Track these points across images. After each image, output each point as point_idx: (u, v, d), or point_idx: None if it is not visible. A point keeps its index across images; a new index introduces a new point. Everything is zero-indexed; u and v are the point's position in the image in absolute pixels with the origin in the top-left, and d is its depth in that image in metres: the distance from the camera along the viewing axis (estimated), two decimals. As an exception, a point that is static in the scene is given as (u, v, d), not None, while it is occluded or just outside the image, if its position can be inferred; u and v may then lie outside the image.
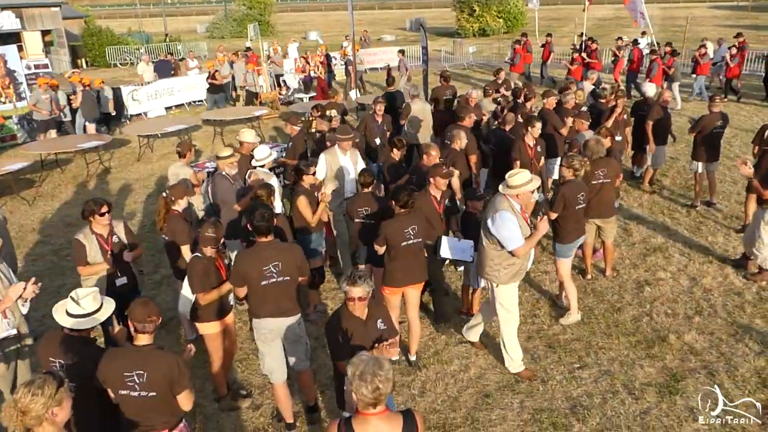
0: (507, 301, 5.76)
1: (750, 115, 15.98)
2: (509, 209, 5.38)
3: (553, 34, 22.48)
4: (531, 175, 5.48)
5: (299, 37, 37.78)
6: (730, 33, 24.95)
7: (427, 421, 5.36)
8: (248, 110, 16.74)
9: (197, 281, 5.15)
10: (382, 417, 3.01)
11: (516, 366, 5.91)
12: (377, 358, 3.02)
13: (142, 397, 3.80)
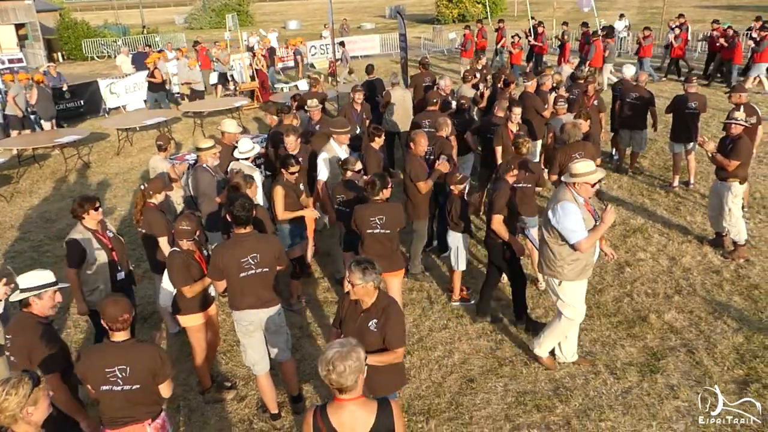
0: (571, 299, 5.40)
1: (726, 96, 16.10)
2: (572, 200, 5.06)
3: (534, 18, 22.42)
4: (595, 166, 5.14)
5: (278, 26, 37.48)
6: (707, 14, 25.15)
7: (411, 407, 5.39)
8: (229, 101, 16.61)
9: (179, 275, 5.12)
10: (357, 403, 3.03)
11: (569, 357, 5.79)
12: (350, 348, 2.97)
13: (126, 390, 3.81)
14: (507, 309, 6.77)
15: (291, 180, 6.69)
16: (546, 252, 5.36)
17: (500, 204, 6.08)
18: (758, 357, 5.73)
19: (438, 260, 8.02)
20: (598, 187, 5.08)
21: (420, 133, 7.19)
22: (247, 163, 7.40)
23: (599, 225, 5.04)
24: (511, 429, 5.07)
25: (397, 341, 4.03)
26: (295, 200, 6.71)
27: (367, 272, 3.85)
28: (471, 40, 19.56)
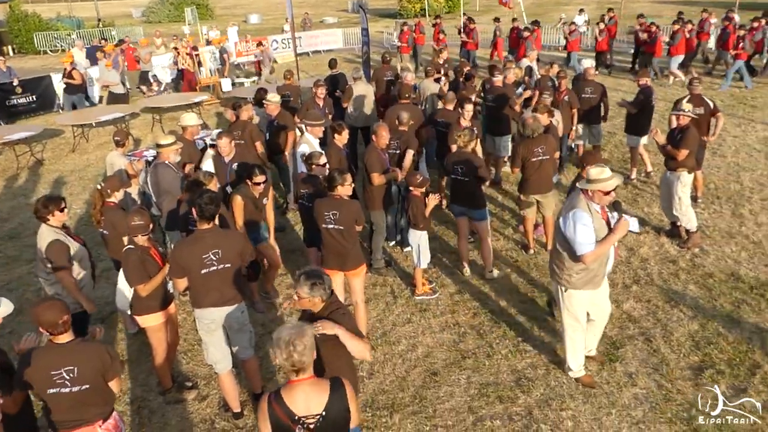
0: (575, 308, 5.19)
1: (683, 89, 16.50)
2: (585, 208, 4.82)
3: (493, 13, 22.59)
4: (612, 173, 4.90)
5: (239, 20, 36.96)
6: (666, 9, 25.67)
7: (375, 402, 5.39)
8: (189, 96, 16.31)
9: (134, 273, 5.01)
10: (310, 383, 3.11)
11: (576, 372, 5.48)
12: (300, 328, 3.07)
13: (75, 392, 3.73)
14: (468, 301, 6.82)
15: (254, 192, 6.42)
16: (556, 257, 5.17)
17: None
18: (712, 344, 5.89)
19: (401, 254, 8.03)
20: (614, 196, 4.86)
21: (382, 125, 7.18)
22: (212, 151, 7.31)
23: (608, 236, 4.81)
24: (474, 421, 5.10)
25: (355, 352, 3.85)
26: (256, 212, 6.51)
27: (315, 287, 3.73)
28: (410, 35, 19.68)
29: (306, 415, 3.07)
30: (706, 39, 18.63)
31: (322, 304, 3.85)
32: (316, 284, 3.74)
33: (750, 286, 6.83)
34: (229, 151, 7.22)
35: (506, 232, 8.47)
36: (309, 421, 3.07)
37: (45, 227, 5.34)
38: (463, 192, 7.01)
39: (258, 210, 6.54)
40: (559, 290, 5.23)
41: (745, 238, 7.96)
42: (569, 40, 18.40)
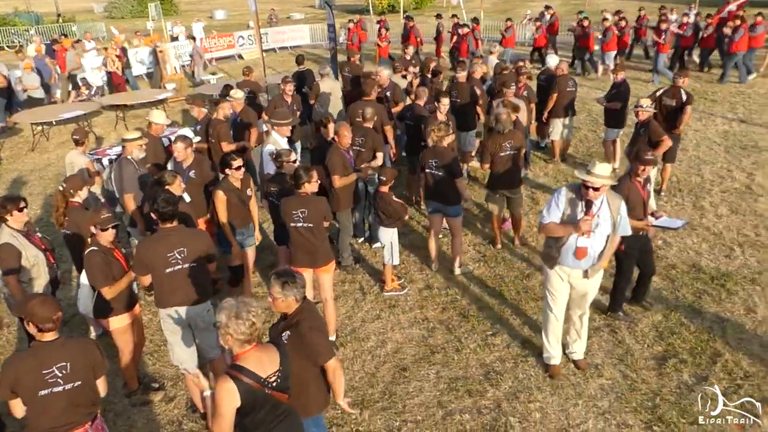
0: (547, 286, 5.41)
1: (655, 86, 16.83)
2: (570, 191, 4.98)
3: (459, 9, 22.71)
4: (611, 172, 4.89)
5: (204, 16, 36.47)
6: (630, 5, 26.08)
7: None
8: (153, 93, 16.05)
9: (99, 275, 4.90)
10: (257, 348, 3.27)
11: (548, 357, 5.59)
12: (244, 299, 3.26)
13: (68, 389, 3.67)
14: (437, 296, 6.85)
15: (235, 183, 6.30)
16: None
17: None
18: (675, 333, 6.02)
19: (370, 251, 8.02)
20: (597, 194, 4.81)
21: (344, 125, 7.09)
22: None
23: (567, 224, 4.92)
24: (443, 415, 5.13)
25: (322, 356, 3.80)
26: (241, 206, 6.34)
27: (287, 286, 3.70)
28: (356, 33, 19.71)
29: (268, 375, 3.24)
30: (644, 35, 19.03)
31: (296, 305, 3.83)
32: (288, 283, 3.72)
33: (711, 277, 6.99)
34: (184, 157, 6.85)
35: (473, 226, 8.51)
36: (272, 380, 3.25)
37: (5, 228, 5.20)
38: (439, 188, 6.98)
39: (243, 204, 6.37)
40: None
41: (706, 229, 8.14)
42: (505, 37, 18.68)
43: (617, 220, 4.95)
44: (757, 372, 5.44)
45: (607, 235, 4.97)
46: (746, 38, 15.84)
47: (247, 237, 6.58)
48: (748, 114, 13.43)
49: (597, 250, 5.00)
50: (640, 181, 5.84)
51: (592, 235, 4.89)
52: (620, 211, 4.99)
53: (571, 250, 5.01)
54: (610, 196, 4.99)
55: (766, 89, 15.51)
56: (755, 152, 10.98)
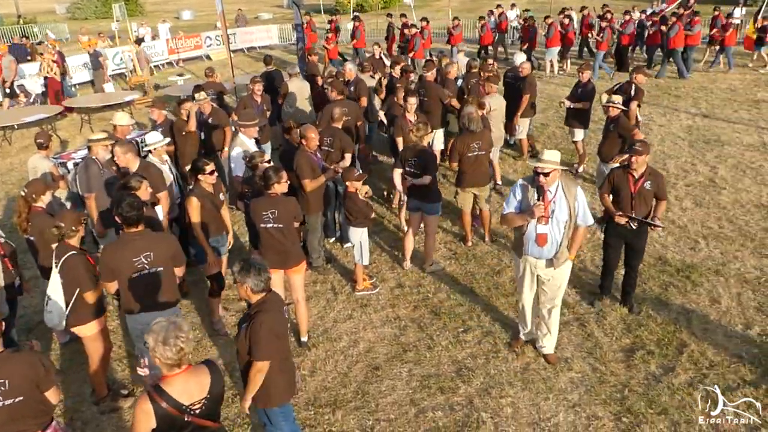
0: (517, 277, 5.66)
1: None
2: (528, 181, 5.19)
3: (429, 8, 22.79)
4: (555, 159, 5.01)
5: (171, 16, 36.01)
6: (595, 2, 26.40)
7: (318, 400, 5.37)
8: (118, 95, 15.78)
9: (89, 277, 4.83)
10: (189, 371, 3.21)
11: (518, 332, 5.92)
12: (175, 322, 3.15)
13: (8, 405, 3.56)
14: (408, 294, 6.87)
15: (208, 188, 6.09)
16: None
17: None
18: (643, 326, 6.12)
19: (341, 251, 8.01)
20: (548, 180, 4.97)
21: (309, 127, 6.99)
22: (154, 159, 7.01)
23: (520, 213, 5.15)
24: (416, 413, 5.14)
25: (256, 353, 3.81)
26: (215, 213, 6.17)
27: (243, 273, 3.79)
28: (308, 34, 19.66)
29: (192, 402, 3.18)
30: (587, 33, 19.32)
31: (254, 296, 3.85)
32: (244, 269, 3.77)
33: (676, 269, 7.13)
34: (125, 162, 6.47)
35: (444, 224, 8.55)
36: (195, 408, 3.19)
37: None
38: (418, 186, 6.99)
39: (217, 210, 6.18)
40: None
41: (672, 223, 8.30)
42: (453, 35, 18.85)
43: (574, 205, 5.09)
44: (721, 361, 5.57)
45: (565, 222, 5.10)
46: (682, 35, 16.40)
47: (222, 244, 6.41)
48: (711, 109, 13.73)
49: (558, 237, 5.15)
50: (633, 174, 5.97)
51: (549, 221, 5.10)
52: (577, 197, 5.13)
53: (532, 237, 5.20)
54: (567, 183, 5.14)
55: (728, 84, 15.86)
56: (718, 146, 11.22)
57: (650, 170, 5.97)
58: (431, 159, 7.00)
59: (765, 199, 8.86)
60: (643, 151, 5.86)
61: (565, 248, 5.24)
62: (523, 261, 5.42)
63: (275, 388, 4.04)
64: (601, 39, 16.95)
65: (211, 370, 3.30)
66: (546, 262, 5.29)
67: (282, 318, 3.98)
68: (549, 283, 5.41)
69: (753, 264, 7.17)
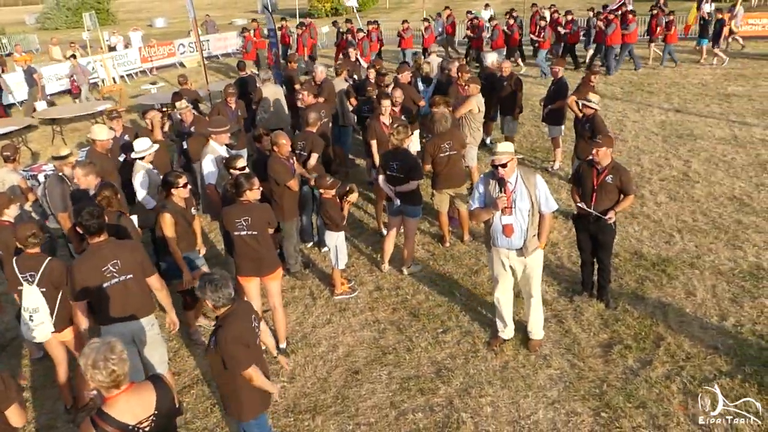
0: (491, 271, 5.80)
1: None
2: (488, 176, 5.38)
3: (404, 10, 22.83)
4: (509, 150, 5.20)
5: (144, 24, 35.70)
6: (565, 3, 26.63)
7: (297, 406, 5.32)
8: (91, 105, 15.59)
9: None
10: (132, 390, 3.10)
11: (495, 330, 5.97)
12: (108, 342, 3.04)
13: None
14: (387, 297, 6.85)
15: (180, 203, 5.93)
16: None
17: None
18: (620, 320, 6.16)
19: (319, 255, 7.96)
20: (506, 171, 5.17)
21: (280, 134, 6.92)
22: (142, 163, 6.92)
23: (485, 208, 5.30)
24: (396, 415, 5.12)
25: (234, 367, 3.79)
26: (187, 228, 6.04)
27: (201, 289, 3.76)
28: (251, 41, 19.55)
29: (139, 421, 3.07)
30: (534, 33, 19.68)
31: (220, 311, 3.81)
32: (202, 286, 3.75)
33: (652, 263, 7.19)
34: (86, 184, 6.27)
35: (421, 226, 8.54)
36: (143, 425, 3.08)
37: None
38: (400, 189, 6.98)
39: (189, 225, 6.05)
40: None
41: (647, 217, 8.38)
42: (404, 38, 19.03)
43: (535, 194, 5.24)
44: (698, 353, 5.61)
45: (528, 210, 5.23)
46: (618, 32, 16.80)
47: (196, 258, 6.26)
48: (683, 104, 13.90)
49: (523, 225, 5.29)
50: (597, 168, 6.06)
51: (513, 211, 5.25)
52: (537, 185, 5.29)
53: (498, 229, 5.36)
54: (525, 173, 5.33)
55: (699, 79, 16.08)
56: (691, 140, 11.36)
57: (614, 165, 6.04)
58: (414, 162, 7.00)
59: (737, 192, 8.98)
60: (604, 144, 5.95)
61: (533, 237, 5.37)
62: (495, 253, 5.57)
63: (251, 401, 4.00)
64: (543, 39, 17.29)
65: (156, 386, 3.20)
66: (517, 252, 5.43)
67: (247, 327, 3.89)
68: (523, 274, 5.56)
69: (727, 256, 7.25)
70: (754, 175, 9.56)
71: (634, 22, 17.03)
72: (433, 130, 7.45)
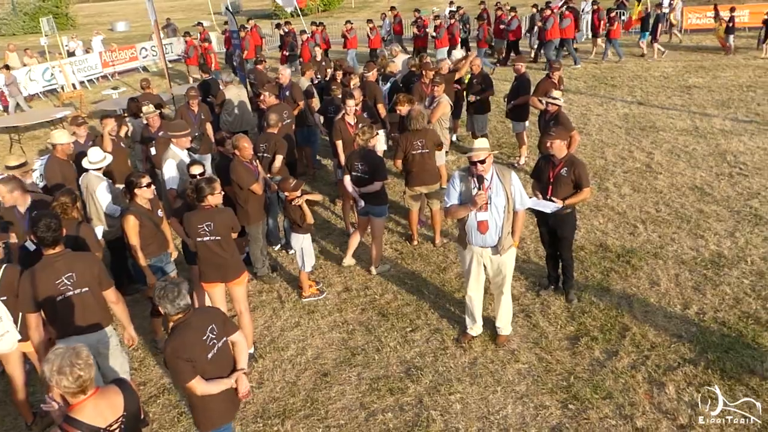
0: (463, 268, 5.78)
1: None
2: (465, 172, 5.33)
3: (369, 9, 22.81)
4: (485, 146, 5.23)
5: (105, 29, 35.06)
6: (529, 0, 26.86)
7: (266, 411, 5.26)
8: (50, 112, 15.25)
9: None
10: (98, 395, 3.08)
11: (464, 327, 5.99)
12: (74, 348, 3.00)
13: None
14: (356, 298, 6.81)
15: (145, 204, 5.85)
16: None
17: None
18: (586, 312, 6.21)
19: (287, 258, 7.89)
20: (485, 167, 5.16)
21: (242, 137, 6.86)
22: (96, 174, 6.79)
23: (468, 204, 5.24)
24: (366, 416, 5.09)
25: (172, 378, 3.83)
26: (155, 230, 5.90)
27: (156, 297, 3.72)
28: (193, 46, 19.39)
29: (109, 424, 3.06)
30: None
31: (174, 318, 3.75)
32: (157, 292, 3.71)
33: (617, 255, 7.27)
34: (11, 201, 5.91)
35: (389, 224, 8.53)
36: (113, 428, 3.07)
37: None
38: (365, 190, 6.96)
39: (157, 227, 5.92)
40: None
41: (611, 209, 8.48)
42: (348, 38, 19.20)
43: (510, 190, 5.25)
44: (662, 342, 5.69)
45: (504, 207, 5.22)
46: (557, 27, 17.29)
47: (167, 263, 6.13)
48: (646, 96, 14.14)
49: (498, 222, 5.28)
50: (554, 161, 6.11)
51: (489, 207, 5.23)
52: (512, 182, 5.29)
53: (473, 226, 5.34)
54: (500, 170, 5.33)
55: (661, 72, 16.37)
56: (653, 132, 11.55)
57: (570, 158, 6.08)
58: (379, 162, 6.97)
59: (699, 182, 9.15)
60: (557, 136, 5.99)
61: (508, 234, 5.38)
62: (468, 251, 5.54)
63: (207, 413, 3.93)
64: (480, 37, 17.66)
65: (122, 389, 3.19)
66: (492, 250, 5.42)
67: (193, 340, 3.73)
68: (496, 271, 5.56)
69: (689, 245, 7.37)
70: (714, 165, 9.75)
71: (568, 18, 17.55)
72: (408, 127, 7.43)
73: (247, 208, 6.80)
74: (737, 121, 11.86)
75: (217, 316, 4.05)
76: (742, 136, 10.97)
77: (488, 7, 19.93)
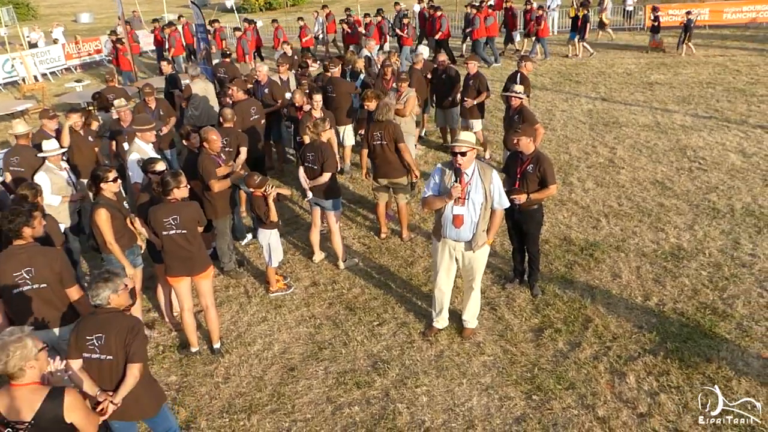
0: (434, 261, 5.77)
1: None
2: (447, 165, 5.33)
3: (339, 4, 22.73)
4: (470, 139, 5.23)
5: (68, 20, 34.27)
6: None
7: (232, 407, 5.24)
8: (11, 104, 14.88)
9: None
10: (28, 389, 3.09)
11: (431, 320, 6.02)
12: (20, 336, 3.06)
13: None
14: (323, 292, 6.82)
15: (112, 197, 5.71)
16: None
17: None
18: (550, 305, 6.32)
19: (254, 253, 7.86)
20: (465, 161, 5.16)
21: (210, 129, 6.83)
22: (51, 165, 6.71)
23: (444, 196, 5.25)
24: (333, 410, 5.11)
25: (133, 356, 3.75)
26: (124, 223, 5.80)
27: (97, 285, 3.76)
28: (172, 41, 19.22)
29: (18, 421, 3.06)
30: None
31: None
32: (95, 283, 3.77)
33: (580, 248, 7.41)
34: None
35: (358, 219, 8.55)
36: (19, 427, 3.07)
37: None
38: (314, 183, 6.99)
39: (125, 220, 5.83)
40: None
41: (575, 204, 8.62)
42: (303, 40, 19.28)
43: (490, 188, 5.27)
44: (623, 333, 5.82)
45: (481, 204, 5.25)
46: (483, 27, 17.72)
47: (137, 255, 6.05)
48: (609, 93, 14.38)
49: (474, 218, 5.30)
50: (521, 157, 6.19)
51: (466, 202, 5.25)
52: (493, 180, 5.31)
53: (449, 219, 5.35)
54: (482, 167, 5.34)
55: (624, 69, 16.65)
56: (616, 128, 11.76)
57: (537, 154, 6.15)
58: (329, 154, 6.97)
59: (659, 176, 9.36)
60: (524, 133, 6.08)
61: (482, 231, 5.41)
62: (442, 244, 5.57)
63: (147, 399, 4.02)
64: (407, 35, 17.95)
65: (49, 395, 3.13)
66: (465, 245, 5.45)
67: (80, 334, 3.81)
68: (467, 266, 5.59)
69: (650, 238, 7.55)
70: (675, 159, 9.98)
71: (492, 17, 18.15)
72: (375, 117, 7.48)
73: (214, 201, 6.76)
74: (697, 117, 12.15)
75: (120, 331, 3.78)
76: (701, 131, 11.25)
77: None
